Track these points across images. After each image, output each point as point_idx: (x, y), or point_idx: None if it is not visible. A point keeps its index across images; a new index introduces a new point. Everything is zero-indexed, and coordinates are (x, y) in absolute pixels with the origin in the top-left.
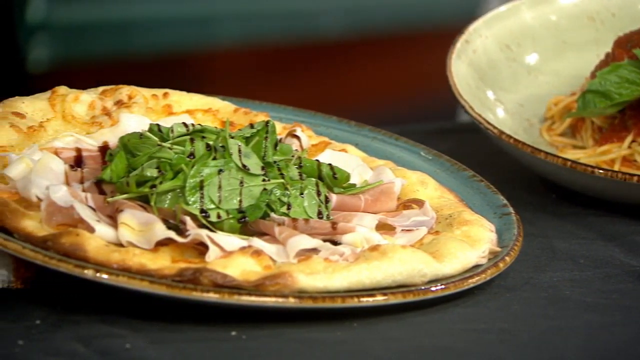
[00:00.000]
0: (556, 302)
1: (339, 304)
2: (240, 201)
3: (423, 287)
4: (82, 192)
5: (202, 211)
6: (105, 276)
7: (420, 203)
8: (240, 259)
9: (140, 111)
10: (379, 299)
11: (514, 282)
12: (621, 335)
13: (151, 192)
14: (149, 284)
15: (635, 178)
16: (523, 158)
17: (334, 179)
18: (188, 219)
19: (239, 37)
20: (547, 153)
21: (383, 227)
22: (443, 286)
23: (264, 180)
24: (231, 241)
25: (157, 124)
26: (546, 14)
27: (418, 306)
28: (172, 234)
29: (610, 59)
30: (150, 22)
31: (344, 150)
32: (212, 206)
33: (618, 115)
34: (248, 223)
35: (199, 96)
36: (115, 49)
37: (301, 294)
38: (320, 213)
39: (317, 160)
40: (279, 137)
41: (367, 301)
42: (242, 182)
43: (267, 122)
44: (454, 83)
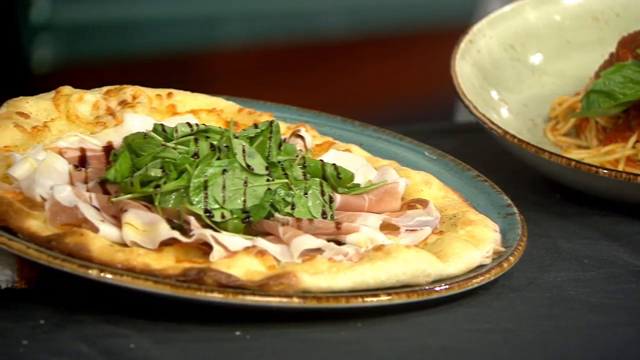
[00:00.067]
0: (560, 302)
1: (343, 304)
2: (244, 201)
3: (427, 287)
4: (86, 192)
5: (206, 211)
6: (109, 276)
7: (424, 203)
8: (244, 259)
9: (144, 111)
10: (383, 299)
11: (518, 282)
12: (625, 335)
13: (155, 192)
14: (153, 284)
15: (639, 178)
16: (527, 158)
17: (338, 179)
18: (192, 219)
19: (243, 38)
20: (551, 153)
21: (387, 227)
22: (447, 286)
23: (268, 180)
24: (235, 241)
25: (161, 124)
26: (550, 14)
27: (422, 306)
28: (176, 234)
29: (614, 59)
30: (154, 22)
31: (348, 150)
32: (216, 206)
33: (622, 115)
34: (252, 223)
35: (203, 96)
36: (119, 49)
37: (305, 294)
38: (324, 213)
39: (321, 160)
40: (283, 137)
41: (371, 301)
42: (246, 182)
43: (271, 122)
44: (458, 83)
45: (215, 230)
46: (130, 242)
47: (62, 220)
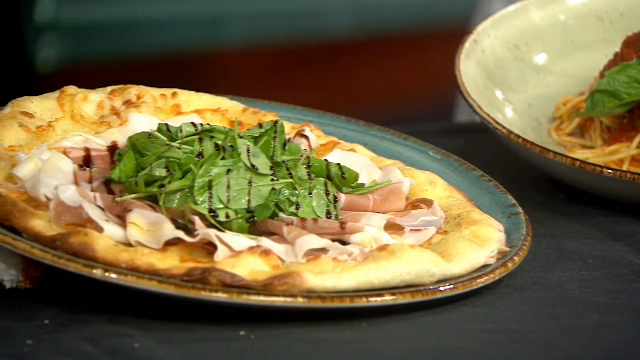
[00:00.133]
0: (565, 302)
1: (348, 304)
2: (249, 201)
3: (432, 287)
4: (91, 192)
5: (211, 211)
6: (114, 276)
7: (429, 203)
8: (249, 259)
9: (149, 111)
10: (388, 299)
11: (523, 282)
12: (630, 335)
13: (160, 192)
14: (158, 284)
15: None
16: (532, 158)
17: (343, 179)
18: (197, 219)
19: (248, 38)
20: (556, 153)
21: (392, 227)
22: (452, 286)
23: (273, 180)
24: (240, 241)
25: (166, 124)
26: (555, 14)
27: (427, 306)
28: (181, 234)
29: (619, 59)
30: (159, 22)
31: (353, 150)
32: (221, 206)
33: (627, 115)
34: (257, 223)
35: (208, 96)
36: (124, 49)
37: (310, 294)
38: (329, 213)
39: (326, 160)
40: (288, 137)
41: (376, 301)
42: (251, 182)
43: (276, 122)
44: (463, 83)
45: (219, 230)
46: (134, 242)
47: (67, 220)
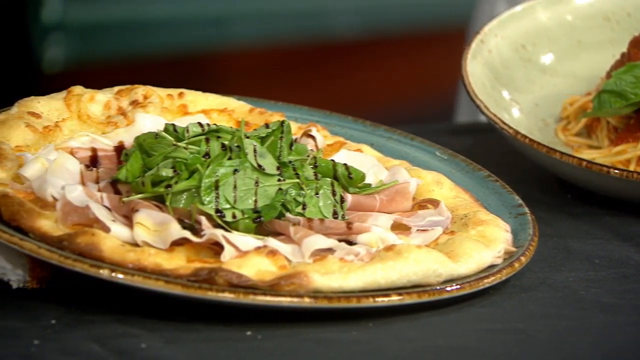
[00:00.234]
0: (571, 302)
1: (354, 304)
2: (255, 201)
3: (438, 287)
4: (98, 192)
5: (218, 211)
6: (120, 276)
7: (435, 203)
8: (255, 259)
9: (155, 111)
10: (394, 299)
11: (529, 282)
12: (636, 335)
13: (166, 192)
14: (165, 284)
15: None
16: (538, 158)
17: (349, 179)
18: (203, 219)
19: (255, 37)
20: (563, 153)
21: (398, 227)
22: (458, 286)
23: (279, 180)
24: (246, 241)
25: (173, 124)
26: (561, 14)
27: (433, 306)
28: (188, 234)
29: (625, 59)
30: (165, 22)
31: (359, 150)
32: (228, 206)
33: (634, 115)
34: (263, 223)
35: (215, 96)
36: (130, 49)
37: (316, 294)
38: (335, 213)
39: (333, 160)
40: (294, 137)
41: (383, 301)
42: (258, 182)
43: (283, 122)
44: (469, 83)
45: (226, 230)
46: (141, 242)
47: (74, 220)
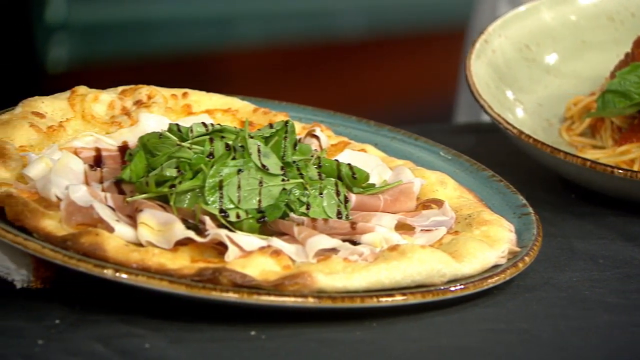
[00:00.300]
0: (575, 302)
1: (358, 304)
2: (259, 201)
3: (442, 287)
4: (102, 192)
5: (222, 211)
6: (124, 276)
7: (439, 203)
8: (259, 259)
9: (159, 111)
10: (398, 299)
11: (533, 282)
12: None
13: (170, 192)
14: (168, 284)
15: None
16: (542, 158)
17: (353, 179)
18: (207, 219)
19: (259, 38)
20: (567, 153)
21: (402, 227)
22: (462, 286)
23: (283, 180)
24: (250, 241)
25: (177, 124)
26: (566, 14)
27: (437, 306)
28: (192, 234)
29: (629, 59)
30: (169, 22)
31: (363, 150)
32: (232, 206)
33: (638, 115)
34: (267, 223)
35: (218, 96)
36: (134, 49)
37: (320, 294)
38: (339, 213)
39: (337, 160)
40: (298, 137)
41: (386, 301)
42: (262, 182)
43: (287, 122)
44: (473, 83)
45: (230, 230)
46: (145, 242)
47: (78, 220)
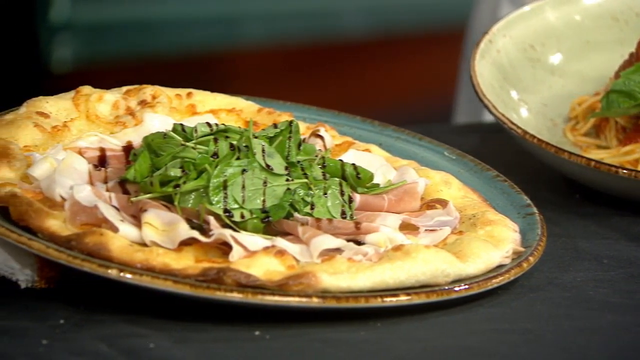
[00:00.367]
0: (580, 303)
1: (363, 304)
2: (263, 201)
3: (446, 287)
4: (106, 192)
5: (226, 211)
6: (129, 276)
7: (443, 203)
8: (263, 259)
9: (164, 111)
10: (403, 299)
11: (538, 282)
12: None
13: (175, 192)
14: (173, 284)
15: None
16: (547, 158)
17: (358, 179)
18: (212, 219)
19: (263, 37)
20: (571, 153)
21: (406, 227)
22: (466, 286)
23: (288, 180)
24: (255, 241)
25: (181, 124)
26: (570, 14)
27: (441, 306)
28: (196, 234)
29: (634, 59)
30: (173, 22)
31: (368, 150)
32: (236, 206)
33: None
34: (271, 223)
35: (223, 96)
36: (138, 49)
37: (325, 294)
38: (343, 213)
39: (341, 160)
40: (303, 137)
41: (391, 301)
42: (266, 182)
43: (291, 122)
44: (478, 83)
45: (234, 230)
46: (149, 242)
47: (82, 220)
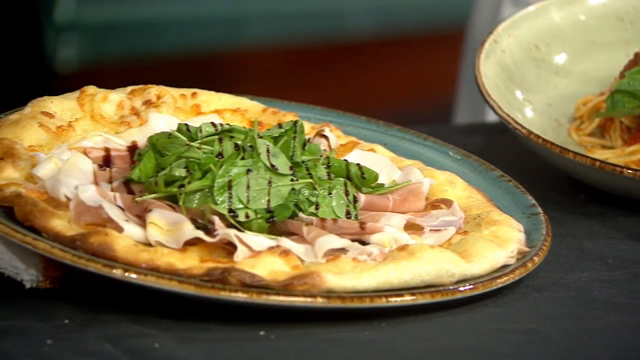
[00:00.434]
0: (584, 302)
1: (367, 304)
2: (268, 201)
3: (451, 287)
4: (111, 192)
5: (231, 211)
6: (133, 276)
7: (448, 203)
8: (268, 259)
9: (168, 111)
10: (407, 299)
11: (543, 282)
12: None
13: (180, 192)
14: (178, 284)
15: None
16: (551, 158)
17: (362, 179)
18: (216, 219)
19: (268, 37)
20: (576, 153)
21: (411, 227)
22: (471, 286)
23: (292, 180)
24: (259, 241)
25: (186, 124)
26: (575, 14)
27: (446, 306)
28: (201, 234)
29: (639, 59)
30: (178, 22)
31: (373, 150)
32: (241, 206)
33: None
34: (276, 223)
35: (228, 96)
36: (143, 49)
37: (329, 294)
38: (348, 213)
39: (346, 160)
40: (308, 137)
41: (396, 301)
42: (271, 182)
43: (296, 122)
44: (482, 83)
45: (239, 230)
46: (154, 242)
47: (87, 219)
